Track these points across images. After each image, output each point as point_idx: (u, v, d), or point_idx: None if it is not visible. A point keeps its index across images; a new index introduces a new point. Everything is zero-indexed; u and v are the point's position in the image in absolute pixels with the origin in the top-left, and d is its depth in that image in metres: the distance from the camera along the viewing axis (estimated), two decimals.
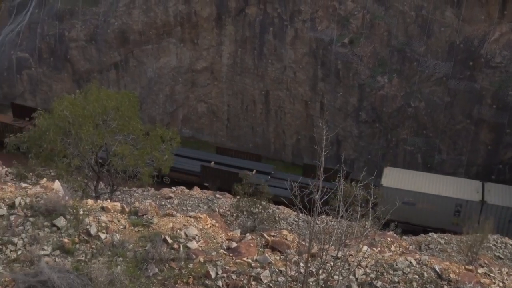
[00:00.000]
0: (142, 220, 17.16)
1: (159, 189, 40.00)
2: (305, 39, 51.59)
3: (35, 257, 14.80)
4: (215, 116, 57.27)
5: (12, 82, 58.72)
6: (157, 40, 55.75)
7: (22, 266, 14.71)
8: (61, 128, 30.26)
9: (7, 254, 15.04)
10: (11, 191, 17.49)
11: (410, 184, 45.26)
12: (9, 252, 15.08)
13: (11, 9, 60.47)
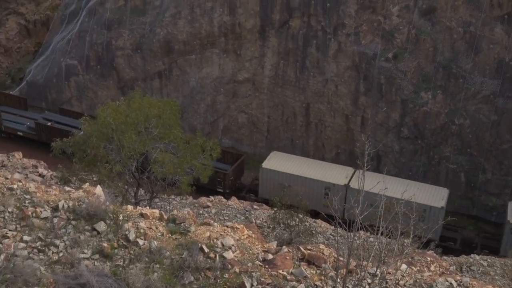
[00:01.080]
0: (179, 228, 17.24)
1: (197, 198, 40.25)
2: (348, 53, 51.36)
3: (75, 260, 15.00)
4: (255, 127, 57.39)
5: (60, 88, 60.11)
6: (201, 50, 56.30)
7: (63, 268, 14.91)
8: (104, 134, 30.78)
9: (49, 255, 15.28)
10: (55, 194, 17.78)
11: (287, 167, 48.32)
12: (51, 254, 15.32)
13: (63, 18, 62.15)
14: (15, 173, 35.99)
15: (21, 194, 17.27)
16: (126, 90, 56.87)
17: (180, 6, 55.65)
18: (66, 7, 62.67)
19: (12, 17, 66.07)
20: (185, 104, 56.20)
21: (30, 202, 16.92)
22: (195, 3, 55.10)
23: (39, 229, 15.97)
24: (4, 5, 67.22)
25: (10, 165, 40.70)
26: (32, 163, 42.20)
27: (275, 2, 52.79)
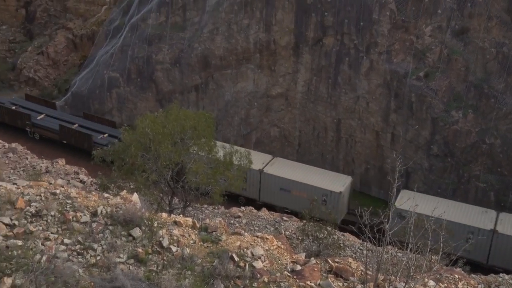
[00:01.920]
0: (211, 237, 17.30)
1: (229, 208, 40.36)
2: (380, 71, 51.08)
3: (112, 264, 15.16)
4: (287, 140, 57.36)
5: (102, 99, 61.09)
6: (237, 65, 56.68)
7: (99, 271, 15.08)
8: (142, 144, 31.14)
9: (87, 258, 15.47)
10: (94, 200, 18.02)
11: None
12: (89, 257, 15.51)
13: (108, 33, 63.35)
14: (58, 179, 36.61)
15: (63, 199, 17.55)
16: (164, 102, 57.51)
17: (217, 23, 56.22)
18: (111, 23, 63.89)
19: (61, 31, 67.67)
20: (220, 117, 56.56)
21: (71, 207, 17.18)
22: (232, 20, 55.59)
23: (78, 233, 16.20)
24: (55, 21, 69.02)
25: (53, 171, 41.54)
26: (74, 169, 42.97)
27: (309, 21, 52.92)
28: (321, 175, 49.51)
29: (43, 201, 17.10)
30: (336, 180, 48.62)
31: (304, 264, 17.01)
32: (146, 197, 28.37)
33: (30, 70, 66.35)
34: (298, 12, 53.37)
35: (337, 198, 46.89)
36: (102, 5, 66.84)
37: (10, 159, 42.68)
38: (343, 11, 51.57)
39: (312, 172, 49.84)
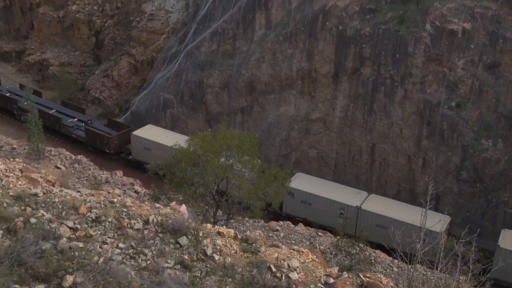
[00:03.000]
0: (251, 248, 17.29)
1: (268, 221, 40.29)
2: (414, 100, 50.41)
3: (160, 268, 15.31)
4: (324, 161, 57.04)
5: (157, 118, 62.14)
6: (280, 90, 56.91)
7: (149, 274, 15.24)
8: (191, 160, 31.53)
9: (139, 262, 15.67)
10: (147, 209, 18.26)
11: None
12: (140, 261, 15.70)
13: (165, 59, 64.68)
14: (116, 189, 37.33)
15: (120, 207, 17.85)
16: (212, 122, 58.11)
17: (264, 51, 56.73)
18: (168, 50, 65.24)
19: (124, 57, 69.46)
20: (263, 138, 56.73)
21: (126, 215, 17.45)
22: (277, 49, 56.00)
23: (132, 239, 16.44)
24: (120, 48, 70.96)
25: (112, 181, 42.35)
26: (130, 181, 43.69)
27: (348, 52, 52.82)
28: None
29: (102, 208, 17.45)
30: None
31: (337, 278, 16.81)
32: (193, 209, 28.59)
33: (96, 91, 68.27)
34: (338, 44, 53.36)
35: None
36: (161, 34, 68.38)
37: (75, 169, 43.78)
38: (380, 43, 51.30)
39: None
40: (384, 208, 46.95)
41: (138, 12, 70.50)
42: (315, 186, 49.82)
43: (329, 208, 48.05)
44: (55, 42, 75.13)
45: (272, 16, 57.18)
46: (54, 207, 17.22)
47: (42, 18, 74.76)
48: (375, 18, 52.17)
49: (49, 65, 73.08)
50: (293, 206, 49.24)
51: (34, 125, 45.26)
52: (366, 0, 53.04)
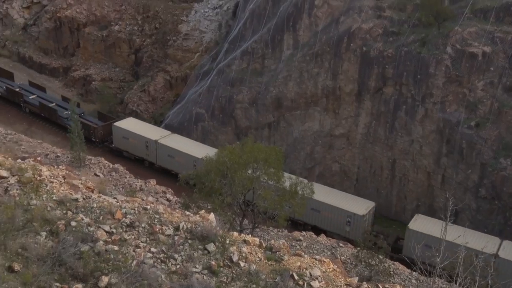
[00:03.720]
0: (275, 256, 17.26)
1: (292, 231, 40.07)
2: (434, 119, 49.76)
3: (189, 273, 15.39)
4: (346, 175, 56.60)
5: (189, 131, 62.56)
6: (305, 107, 56.85)
7: (178, 278, 15.34)
8: (220, 171, 31.66)
9: (169, 266, 15.80)
10: (177, 217, 18.41)
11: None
12: (170, 265, 15.83)
13: (198, 75, 65.38)
14: (149, 196, 37.62)
15: (152, 213, 18.05)
16: (241, 136, 58.29)
17: (291, 70, 56.87)
18: (201, 67, 65.93)
19: (160, 73, 70.43)
20: (288, 151, 56.64)
21: (158, 221, 17.63)
22: (304, 68, 56.08)
23: (163, 244, 16.59)
24: (156, 65, 72.03)
25: (146, 189, 42.71)
26: (162, 189, 43.98)
27: (371, 72, 52.56)
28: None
29: (136, 214, 17.67)
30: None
31: (357, 287, 16.63)
32: (221, 217, 28.71)
33: (134, 105, 69.28)
34: (362, 64, 53.15)
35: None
36: (195, 52, 69.21)
37: (113, 177, 44.33)
38: (403, 64, 50.91)
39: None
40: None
41: (174, 32, 71.57)
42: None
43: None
44: (98, 59, 76.74)
45: (299, 37, 57.37)
46: (92, 212, 17.52)
47: (87, 37, 76.53)
48: (397, 41, 51.86)
49: (92, 80, 74.61)
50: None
51: (77, 136, 46.17)
52: (389, 23, 52.81)
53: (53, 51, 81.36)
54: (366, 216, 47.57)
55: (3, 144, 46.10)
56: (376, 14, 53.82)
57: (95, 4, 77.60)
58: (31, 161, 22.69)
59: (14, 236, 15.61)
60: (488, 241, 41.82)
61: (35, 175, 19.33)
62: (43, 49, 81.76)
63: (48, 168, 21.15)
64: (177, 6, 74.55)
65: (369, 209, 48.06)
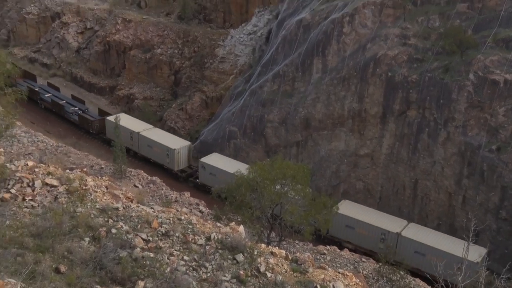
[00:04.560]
0: (300, 268, 17.14)
1: (316, 245, 39.66)
2: (456, 142, 48.76)
3: (219, 281, 15.42)
4: (370, 193, 55.83)
5: (222, 148, 62.90)
6: (332, 128, 56.57)
7: (208, 286, 15.37)
8: (250, 186, 31.75)
9: (200, 274, 15.85)
10: (209, 227, 18.52)
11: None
12: (201, 273, 15.88)
13: (232, 96, 65.92)
14: (183, 208, 37.87)
15: (186, 224, 18.20)
16: (270, 153, 58.30)
17: (319, 92, 56.82)
18: (235, 88, 66.48)
19: (197, 93, 71.34)
20: (315, 169, 56.32)
21: (191, 231, 17.76)
22: (332, 91, 55.95)
23: (195, 253, 16.68)
24: (194, 85, 73.04)
25: (181, 200, 43.09)
26: (196, 201, 44.25)
27: (396, 95, 52.05)
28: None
29: (171, 224, 17.85)
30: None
31: None
32: (250, 229, 28.68)
33: (172, 122, 70.24)
34: (387, 88, 52.71)
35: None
36: (230, 74, 69.91)
37: (150, 189, 44.89)
38: (426, 89, 50.25)
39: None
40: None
41: (211, 55, 72.58)
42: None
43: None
44: (141, 79, 78.36)
45: (328, 62, 57.38)
46: (131, 220, 17.77)
47: (132, 59, 78.35)
48: (421, 67, 51.29)
49: (135, 98, 76.14)
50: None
51: (119, 150, 47.05)
52: (414, 51, 52.33)
53: (101, 72, 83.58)
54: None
55: (54, 155, 47.31)
56: (401, 42, 53.45)
57: (141, 30, 79.55)
58: (78, 172, 23.22)
59: (61, 240, 15.97)
60: (396, 222, 47.17)
61: (81, 185, 19.76)
62: (92, 70, 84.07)
63: (92, 179, 21.60)
64: (215, 31, 75.71)
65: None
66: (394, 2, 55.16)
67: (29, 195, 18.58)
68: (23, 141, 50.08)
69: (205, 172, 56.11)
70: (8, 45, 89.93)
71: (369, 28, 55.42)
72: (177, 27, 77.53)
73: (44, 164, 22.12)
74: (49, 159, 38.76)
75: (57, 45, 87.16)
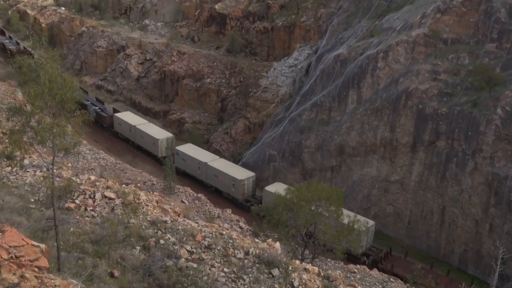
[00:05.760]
0: (331, 285, 16.83)
1: (347, 264, 38.75)
2: (483, 172, 46.91)
3: None
4: (399, 217, 54.25)
5: (262, 170, 62.84)
6: (365, 154, 55.74)
7: None
8: (287, 205, 31.59)
9: (238, 286, 15.81)
10: (248, 243, 18.51)
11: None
12: (239, 285, 15.84)
13: (273, 122, 66.21)
14: (225, 224, 37.94)
15: (227, 238, 18.27)
16: (307, 176, 57.86)
17: (354, 121, 56.27)
18: (276, 116, 66.76)
19: (241, 119, 72.02)
20: (347, 193, 55.31)
21: (232, 245, 17.79)
22: (365, 121, 55.30)
23: (234, 265, 16.68)
24: (239, 112, 73.84)
25: (223, 217, 43.15)
26: (236, 218, 44.18)
27: (426, 127, 50.86)
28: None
29: (213, 238, 17.95)
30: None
31: None
32: (285, 246, 28.40)
33: (217, 144, 71.01)
34: (417, 119, 51.61)
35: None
36: (271, 103, 70.36)
37: (196, 205, 45.27)
38: (455, 122, 48.87)
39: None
40: None
41: (255, 85, 73.42)
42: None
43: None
44: (191, 105, 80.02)
45: (362, 94, 56.90)
46: (177, 233, 17.99)
47: (184, 87, 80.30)
48: (451, 101, 50.03)
49: (185, 122, 77.67)
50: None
51: (169, 168, 47.89)
52: (444, 86, 51.20)
53: (157, 98, 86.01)
54: (245, 181, 56.06)
55: (113, 171, 48.66)
56: (432, 77, 52.46)
57: (193, 61, 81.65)
58: (132, 187, 23.80)
59: (116, 247, 16.34)
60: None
61: (135, 199, 20.23)
62: (149, 96, 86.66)
63: (145, 194, 22.08)
64: (259, 63, 76.72)
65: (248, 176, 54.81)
66: (425, 41, 54.43)
67: (90, 206, 19.17)
68: (87, 157, 51.83)
69: (178, 157, 63.08)
70: (80, 73, 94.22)
71: (401, 63, 54.77)
72: (226, 59, 79.12)
73: (104, 179, 22.82)
74: (108, 175, 39.91)
75: (120, 74, 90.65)
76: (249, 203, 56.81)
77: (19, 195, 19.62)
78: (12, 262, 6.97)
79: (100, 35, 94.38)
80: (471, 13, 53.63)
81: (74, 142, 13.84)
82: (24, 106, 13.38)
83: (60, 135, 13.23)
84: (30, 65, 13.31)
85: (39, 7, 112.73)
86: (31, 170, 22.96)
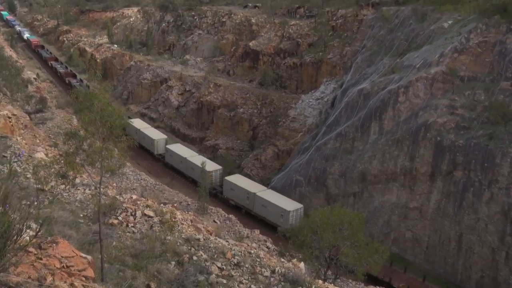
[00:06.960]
0: None
1: (367, 285, 37.49)
2: (499, 202, 44.98)
3: None
4: (417, 243, 52.34)
5: (289, 194, 62.00)
6: (385, 182, 54.59)
7: None
8: (312, 228, 31.12)
9: None
10: (274, 262, 18.26)
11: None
12: None
13: (300, 150, 65.95)
14: (253, 243, 37.61)
15: (255, 257, 18.08)
16: (330, 201, 57.00)
17: (375, 151, 55.44)
18: (303, 144, 66.54)
19: (270, 147, 72.17)
20: (368, 218, 54.04)
21: (259, 264, 17.59)
22: (386, 150, 54.40)
23: (261, 283, 16.43)
24: (268, 140, 74.12)
25: (251, 236, 42.81)
26: (264, 238, 43.73)
27: (444, 157, 49.51)
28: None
29: (242, 256, 17.80)
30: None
31: None
32: (309, 266, 27.82)
33: (248, 169, 71.12)
34: (436, 150, 50.35)
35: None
36: (299, 132, 70.36)
37: (226, 224, 45.16)
38: (472, 154, 47.39)
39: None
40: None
41: (284, 116, 73.74)
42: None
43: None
44: (225, 133, 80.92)
45: (384, 125, 56.18)
46: (209, 250, 17.94)
47: (219, 116, 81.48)
48: (467, 134, 48.68)
49: (219, 148, 78.42)
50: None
51: (203, 190, 48.20)
52: (461, 119, 49.98)
53: (194, 125, 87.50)
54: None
55: (152, 191, 49.35)
56: (449, 111, 51.37)
57: (228, 92, 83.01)
58: (169, 207, 24.01)
59: (153, 261, 16.42)
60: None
61: (171, 217, 20.40)
62: (187, 123, 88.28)
63: (181, 213, 22.25)
64: (289, 96, 77.23)
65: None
66: (443, 78, 53.62)
67: (131, 223, 19.43)
68: (130, 178, 52.82)
69: (168, 154, 69.75)
70: (127, 102, 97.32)
71: (421, 98, 54.00)
72: (258, 91, 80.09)
73: (144, 198, 23.16)
74: (148, 194, 40.49)
75: (162, 103, 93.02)
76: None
77: (70, 210, 20.13)
78: (64, 271, 7.16)
79: (146, 69, 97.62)
80: (486, 54, 52.67)
81: (119, 164, 14.19)
82: (78, 131, 13.89)
83: (107, 158, 13.60)
84: (85, 95, 13.88)
85: (96, 44, 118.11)
86: (81, 188, 23.60)
